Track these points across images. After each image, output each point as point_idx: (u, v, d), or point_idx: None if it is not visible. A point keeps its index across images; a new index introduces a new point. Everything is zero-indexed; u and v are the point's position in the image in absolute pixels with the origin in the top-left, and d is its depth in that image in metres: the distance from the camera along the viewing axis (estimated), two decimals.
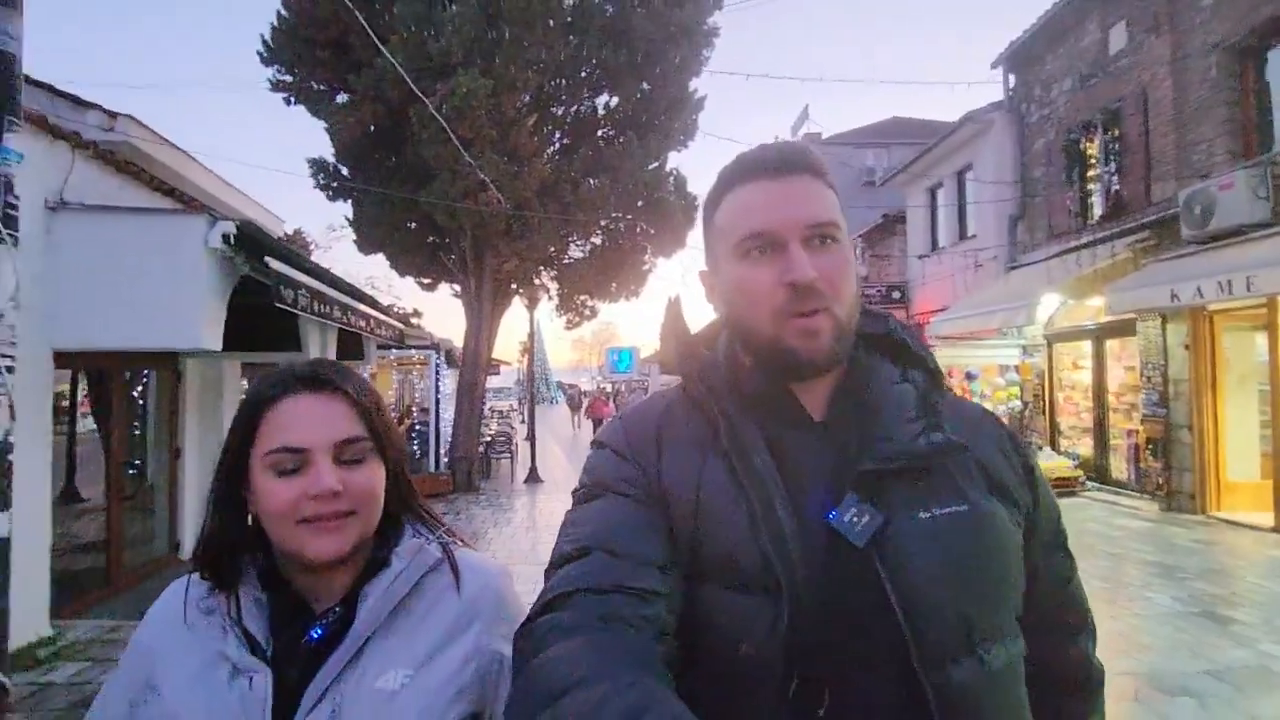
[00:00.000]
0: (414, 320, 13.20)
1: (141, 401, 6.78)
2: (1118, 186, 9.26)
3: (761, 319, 0.77)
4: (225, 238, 4.71)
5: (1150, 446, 8.50)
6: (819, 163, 0.81)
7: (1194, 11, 7.98)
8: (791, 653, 0.68)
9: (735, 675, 0.70)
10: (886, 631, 0.68)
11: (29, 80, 7.83)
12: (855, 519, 0.70)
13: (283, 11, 9.89)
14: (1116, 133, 9.25)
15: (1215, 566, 6.11)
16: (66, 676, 3.90)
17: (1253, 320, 7.49)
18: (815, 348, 0.76)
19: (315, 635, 0.79)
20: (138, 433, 6.71)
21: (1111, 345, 9.79)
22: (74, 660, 4.13)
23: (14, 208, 1.88)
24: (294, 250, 5.68)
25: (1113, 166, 9.34)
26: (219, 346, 4.92)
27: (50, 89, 8.59)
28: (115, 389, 6.05)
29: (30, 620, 4.41)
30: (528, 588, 0.82)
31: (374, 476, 0.83)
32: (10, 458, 1.83)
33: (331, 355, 7.83)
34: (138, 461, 6.62)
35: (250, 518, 0.85)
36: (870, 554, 0.70)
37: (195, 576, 0.85)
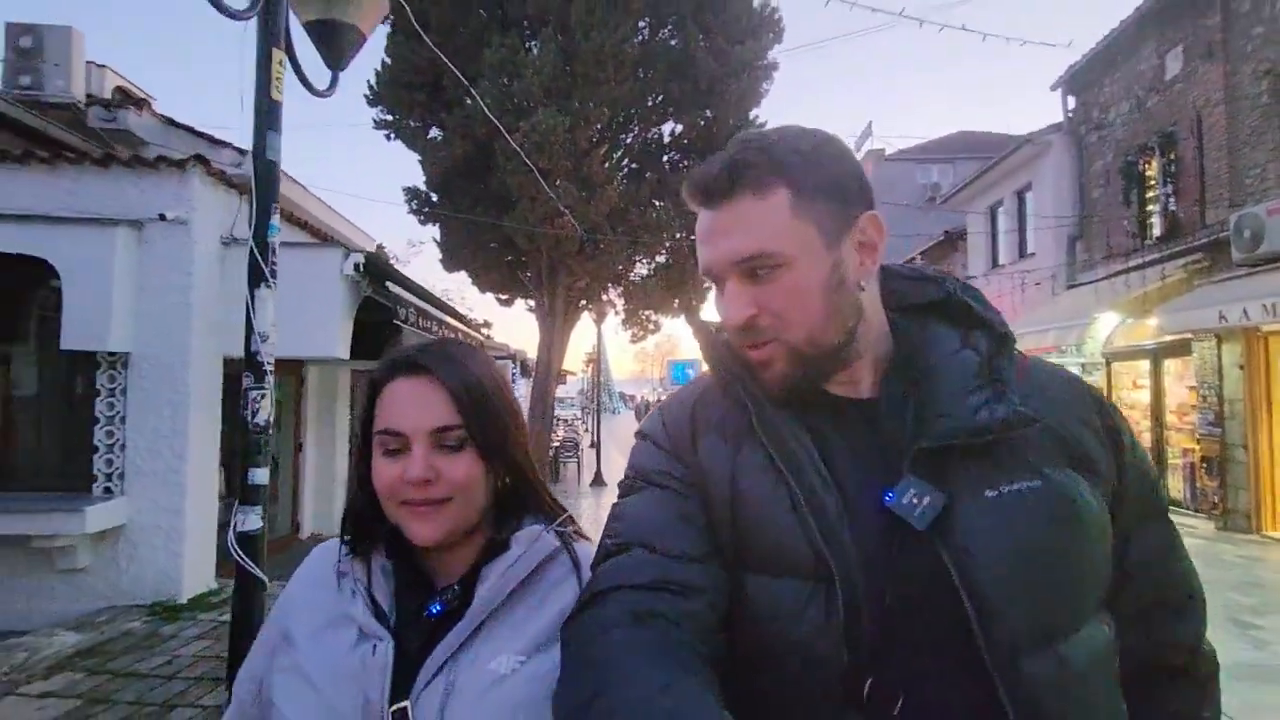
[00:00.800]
0: (484, 330, 14.31)
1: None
2: (1173, 208, 9.39)
3: (733, 341, 0.78)
4: (356, 266, 5.71)
5: (1205, 465, 8.59)
6: (759, 172, 0.72)
7: (1246, 39, 8.15)
8: (853, 646, 0.64)
9: (793, 670, 0.67)
10: (954, 623, 0.64)
11: (174, 124, 9.28)
12: (915, 501, 0.66)
13: (386, 60, 11.15)
14: (1172, 156, 9.40)
15: (1254, 580, 6.31)
16: None
17: None
18: (769, 378, 0.75)
19: (434, 611, 0.82)
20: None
21: (1170, 365, 9.86)
22: None
23: (275, 263, 2.77)
24: (405, 275, 6.68)
25: (1169, 189, 9.49)
26: (347, 356, 5.93)
27: (192, 131, 10.14)
28: None
29: (203, 576, 5.48)
30: None
31: (471, 465, 0.83)
32: (271, 432, 2.72)
33: None
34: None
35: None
36: (933, 538, 0.66)
37: (338, 541, 0.91)
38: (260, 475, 2.64)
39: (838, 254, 0.73)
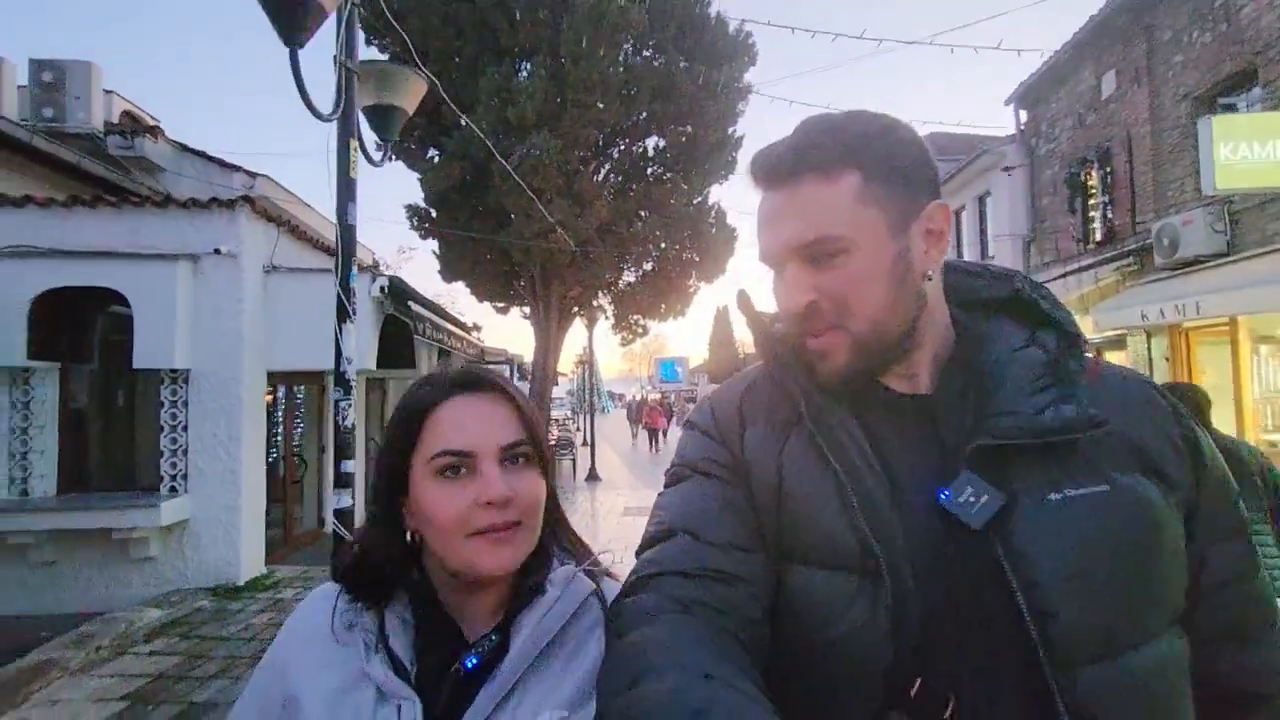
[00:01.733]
0: (475, 334, 15.10)
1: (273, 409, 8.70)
2: (1110, 216, 10.38)
3: (789, 330, 0.76)
4: (382, 289, 6.52)
5: None
6: (827, 154, 0.70)
7: (1168, 66, 9.12)
8: (899, 645, 0.63)
9: (837, 666, 0.66)
10: (1009, 628, 0.62)
11: (186, 149, 10.17)
12: (972, 499, 0.64)
13: None
14: (1109, 169, 10.37)
15: None
16: (291, 595, 5.71)
17: (1219, 336, 8.56)
18: (828, 368, 0.73)
19: (470, 664, 0.75)
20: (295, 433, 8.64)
21: (1112, 357, 10.84)
22: (290, 587, 5.95)
23: (355, 303, 3.57)
24: (421, 295, 7.48)
25: (1106, 199, 10.47)
26: (374, 367, 6.72)
27: (205, 156, 10.93)
28: (288, 399, 7.98)
29: (256, 562, 6.27)
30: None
31: (538, 484, 0.79)
32: (358, 432, 3.54)
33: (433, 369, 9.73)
34: (299, 456, 8.55)
35: (409, 535, 0.81)
36: (989, 539, 0.64)
37: (337, 589, 0.82)
38: (350, 465, 3.46)
39: (904, 242, 0.72)
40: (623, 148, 13.25)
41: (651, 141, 13.38)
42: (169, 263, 5.74)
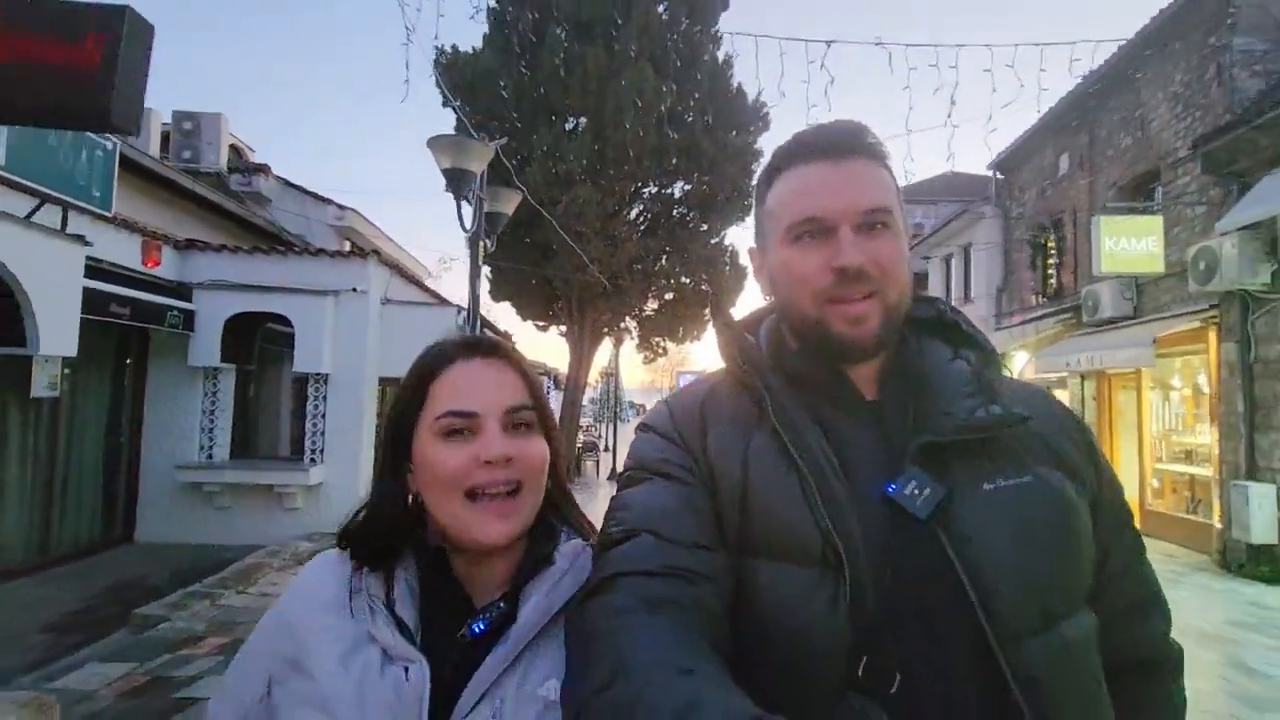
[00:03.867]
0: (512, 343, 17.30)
1: None
2: (1059, 276, 12.30)
3: (805, 302, 0.80)
4: (465, 319, 8.73)
5: None
6: (876, 145, 0.81)
7: (1102, 158, 11.07)
8: (857, 630, 0.68)
9: (798, 654, 0.69)
10: (956, 607, 0.68)
11: (289, 184, 12.91)
12: (916, 491, 0.71)
13: None
14: (1061, 236, 12.31)
15: None
16: None
17: (1130, 382, 10.44)
18: (861, 333, 0.78)
19: (477, 630, 0.77)
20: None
21: (1057, 395, 12.73)
22: None
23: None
24: (491, 323, 9.67)
25: (1057, 261, 12.39)
26: None
27: (303, 190, 13.49)
28: (384, 397, 10.25)
29: None
30: None
31: (541, 449, 0.82)
32: None
33: None
34: None
35: (410, 498, 0.83)
36: (934, 528, 0.70)
37: (342, 553, 0.85)
38: None
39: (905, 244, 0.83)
40: (654, 190, 15.44)
41: (678, 185, 15.55)
42: (321, 296, 8.01)
